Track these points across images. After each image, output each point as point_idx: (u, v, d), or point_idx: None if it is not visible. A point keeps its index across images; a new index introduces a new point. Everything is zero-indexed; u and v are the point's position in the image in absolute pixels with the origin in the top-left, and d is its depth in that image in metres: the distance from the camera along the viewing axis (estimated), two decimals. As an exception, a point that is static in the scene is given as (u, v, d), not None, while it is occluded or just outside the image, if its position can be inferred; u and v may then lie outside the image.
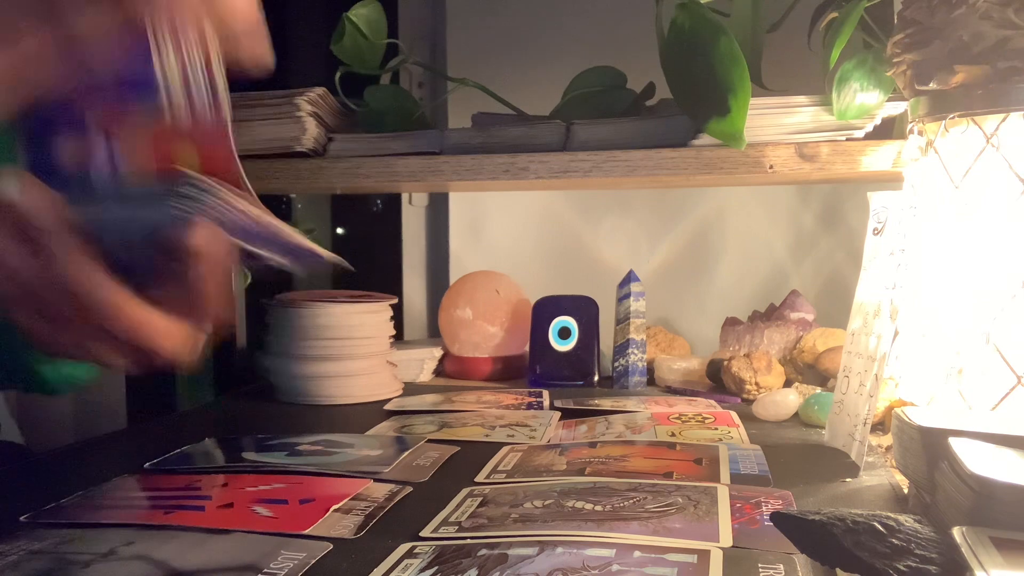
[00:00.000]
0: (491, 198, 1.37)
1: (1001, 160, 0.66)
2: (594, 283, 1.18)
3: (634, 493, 0.61)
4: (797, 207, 1.30)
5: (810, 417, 0.86)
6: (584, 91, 1.01)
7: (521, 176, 0.93)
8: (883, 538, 0.43)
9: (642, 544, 0.51)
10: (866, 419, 0.69)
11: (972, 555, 0.40)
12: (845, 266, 1.27)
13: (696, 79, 0.85)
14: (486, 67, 1.27)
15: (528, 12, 1.34)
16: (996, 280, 0.66)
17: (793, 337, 1.07)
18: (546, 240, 1.37)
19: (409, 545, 0.53)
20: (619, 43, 1.21)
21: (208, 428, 0.86)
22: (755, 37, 0.91)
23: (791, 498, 0.61)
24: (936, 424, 0.55)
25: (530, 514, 0.57)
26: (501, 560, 0.49)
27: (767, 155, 0.87)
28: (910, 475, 0.58)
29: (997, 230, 0.66)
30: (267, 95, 0.99)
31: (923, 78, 0.69)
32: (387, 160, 0.97)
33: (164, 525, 0.56)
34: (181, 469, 0.71)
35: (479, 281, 1.19)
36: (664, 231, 1.34)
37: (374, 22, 1.02)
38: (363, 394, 1.00)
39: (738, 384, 0.98)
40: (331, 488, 0.64)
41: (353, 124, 1.05)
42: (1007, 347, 0.65)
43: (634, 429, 0.82)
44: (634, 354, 1.08)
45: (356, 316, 1.01)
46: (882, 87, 0.85)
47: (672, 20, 0.87)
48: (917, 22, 0.69)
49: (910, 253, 0.70)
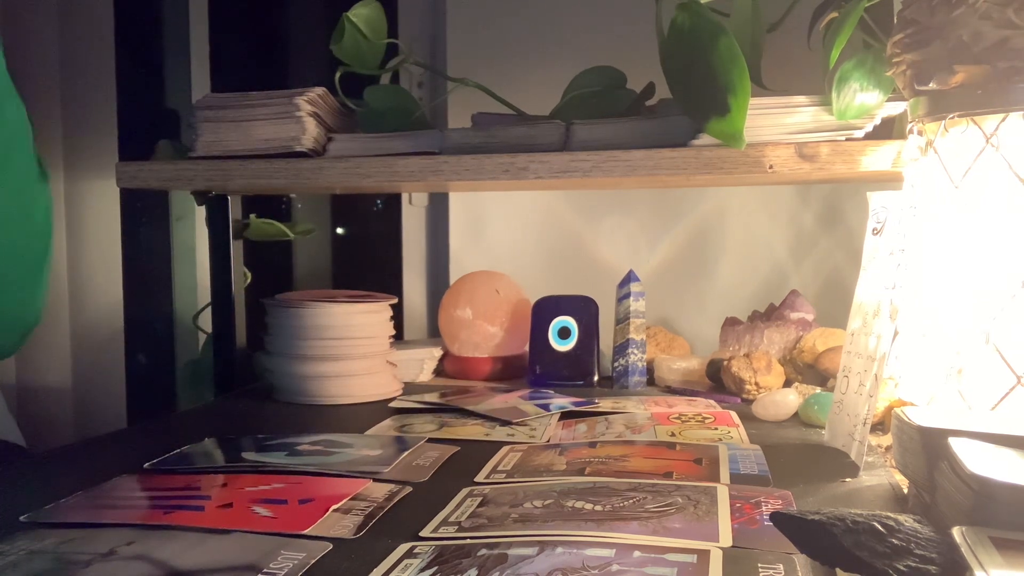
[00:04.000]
0: (491, 198, 1.37)
1: (1001, 160, 0.66)
2: (594, 283, 1.18)
3: (634, 493, 0.61)
4: (797, 207, 1.30)
5: (810, 417, 0.86)
6: (584, 91, 1.01)
7: (521, 176, 0.93)
8: (883, 538, 0.43)
9: (642, 544, 0.51)
10: (866, 419, 0.69)
11: (972, 555, 0.40)
12: (845, 266, 1.27)
13: (696, 79, 0.85)
14: (486, 67, 1.26)
15: (528, 12, 1.33)
16: (996, 280, 0.66)
17: (793, 337, 1.07)
18: (546, 240, 1.37)
19: (409, 545, 0.53)
20: (619, 43, 1.21)
21: (208, 428, 0.86)
22: (755, 37, 0.91)
23: (791, 498, 0.61)
24: (936, 424, 0.55)
25: (530, 514, 0.57)
26: (501, 560, 0.49)
27: (767, 155, 0.87)
28: (910, 475, 0.58)
29: (997, 230, 0.66)
30: (267, 95, 0.99)
31: (923, 78, 0.69)
32: (387, 160, 0.97)
33: (164, 525, 0.56)
34: (181, 469, 0.71)
35: (479, 281, 1.19)
36: (664, 231, 1.34)
37: (374, 22, 1.02)
38: (363, 394, 1.00)
39: (738, 384, 0.98)
40: (331, 488, 0.64)
41: (353, 124, 1.05)
42: (1007, 347, 0.65)
43: (634, 429, 0.82)
44: (634, 354, 1.08)
45: (356, 316, 1.01)
46: (882, 87, 0.85)
47: (672, 20, 0.87)
48: (917, 22, 0.69)
49: (910, 253, 0.70)
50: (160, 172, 1.03)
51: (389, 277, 1.49)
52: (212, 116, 1.01)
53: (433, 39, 1.43)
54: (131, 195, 1.55)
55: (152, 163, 1.04)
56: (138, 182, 1.03)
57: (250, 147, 1.00)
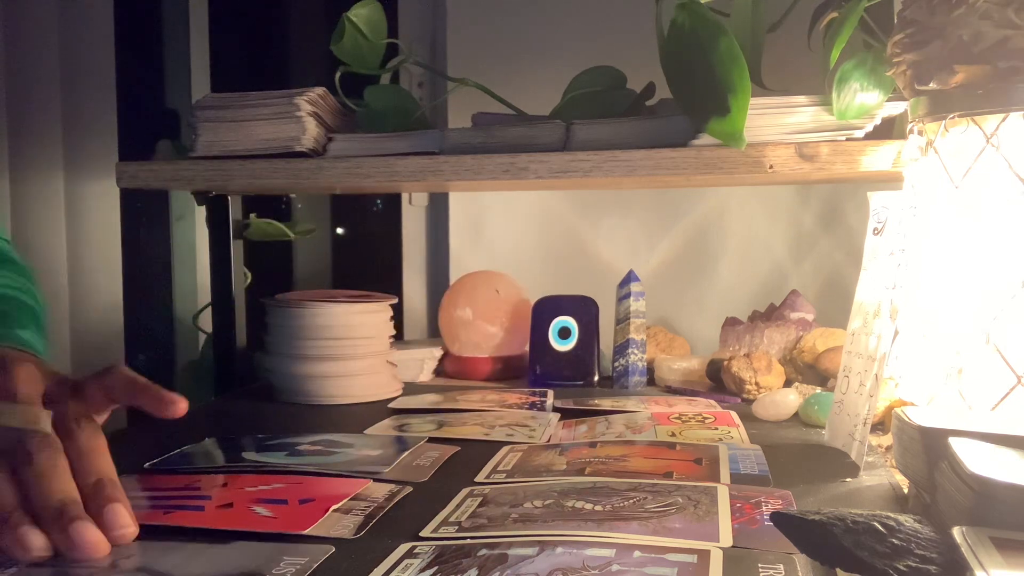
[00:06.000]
0: (491, 198, 1.37)
1: (1001, 160, 0.66)
2: (594, 283, 1.18)
3: (634, 493, 0.61)
4: (797, 207, 1.30)
5: (810, 417, 0.86)
6: (584, 91, 1.01)
7: (521, 176, 0.93)
8: (883, 538, 0.43)
9: (642, 544, 0.51)
10: (866, 419, 0.69)
11: (972, 555, 0.40)
12: (845, 266, 1.27)
13: (696, 79, 0.85)
14: (486, 67, 1.26)
15: (528, 12, 1.33)
16: (996, 280, 0.66)
17: (793, 337, 1.07)
18: (546, 240, 1.37)
19: (409, 545, 0.53)
20: (619, 43, 1.21)
21: (208, 428, 0.86)
22: (755, 37, 0.91)
23: (791, 498, 0.61)
24: (936, 424, 0.55)
25: (530, 514, 0.57)
26: (501, 560, 0.49)
27: (767, 155, 0.87)
28: (910, 475, 0.58)
29: (997, 230, 0.66)
30: (267, 95, 0.99)
31: (923, 78, 0.69)
32: (387, 160, 0.97)
33: (164, 525, 0.56)
34: (181, 469, 0.71)
35: (479, 281, 1.19)
36: (664, 231, 1.34)
37: (374, 22, 1.02)
38: (363, 394, 1.00)
39: (738, 384, 0.98)
40: (331, 488, 0.64)
41: (353, 124, 1.05)
42: (1007, 347, 0.65)
43: (634, 429, 0.82)
44: (634, 354, 1.08)
45: (356, 316, 1.01)
46: (882, 87, 0.85)
47: (672, 20, 0.87)
48: (917, 22, 0.69)
49: (910, 253, 0.70)
50: (160, 172, 1.03)
51: (389, 277, 1.49)
52: (212, 116, 1.01)
53: (433, 39, 1.43)
54: (131, 195, 1.55)
55: (152, 163, 1.04)
56: (138, 182, 1.03)
57: (250, 147, 0.99)
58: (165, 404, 0.58)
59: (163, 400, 0.58)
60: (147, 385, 0.59)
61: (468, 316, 1.16)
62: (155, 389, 0.59)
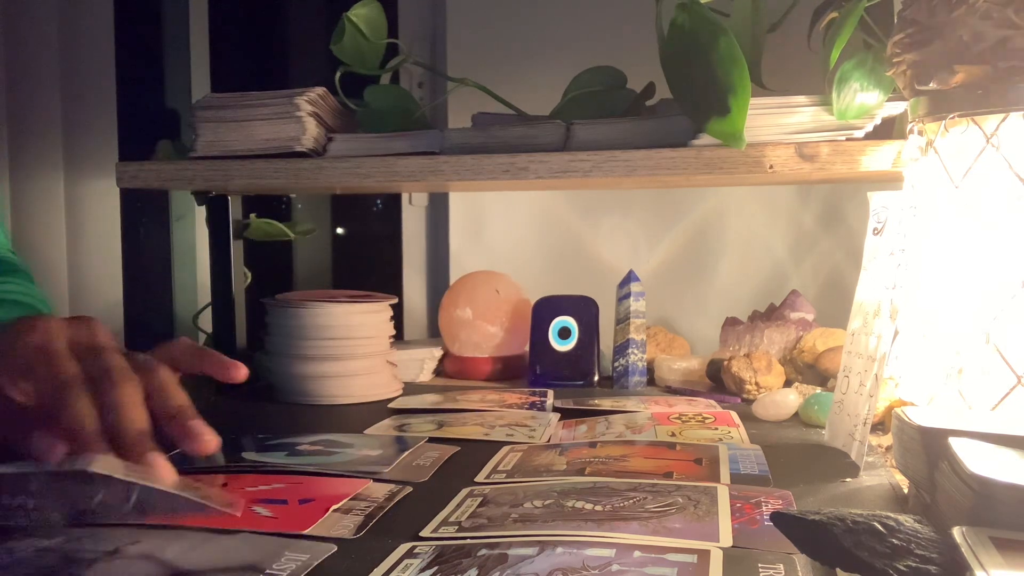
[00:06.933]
0: (491, 198, 1.37)
1: (1001, 160, 0.66)
2: (594, 283, 1.18)
3: (634, 493, 0.61)
4: (797, 207, 1.30)
5: (810, 417, 0.86)
6: (584, 91, 1.01)
7: (521, 176, 0.93)
8: (883, 538, 0.43)
9: (642, 544, 0.51)
10: (866, 419, 0.69)
11: (972, 555, 0.40)
12: (845, 266, 1.27)
13: (696, 79, 0.85)
14: (486, 67, 1.26)
15: (528, 12, 1.33)
16: (996, 280, 0.66)
17: (793, 337, 1.07)
18: (546, 240, 1.37)
19: (409, 545, 0.53)
20: (619, 43, 1.21)
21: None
22: (755, 37, 0.91)
23: (791, 498, 0.61)
24: (936, 424, 0.55)
25: (530, 514, 0.57)
26: (501, 560, 0.49)
27: (767, 155, 0.87)
28: (910, 475, 0.58)
29: (997, 230, 0.66)
30: (267, 95, 0.99)
31: (923, 78, 0.69)
32: (387, 160, 0.97)
33: (166, 524, 0.56)
34: (181, 469, 0.71)
35: (479, 281, 1.19)
36: (664, 231, 1.34)
37: (374, 22, 1.02)
38: (363, 394, 1.00)
39: (738, 384, 0.98)
40: (331, 488, 0.64)
41: (353, 124, 1.05)
42: (1007, 347, 0.65)
43: (634, 429, 0.82)
44: (634, 354, 1.08)
45: (356, 316, 1.01)
46: (882, 87, 0.85)
47: (672, 20, 0.87)
48: (917, 22, 0.69)
49: (910, 253, 0.70)
50: (160, 172, 1.03)
51: (389, 277, 1.49)
52: (212, 116, 1.01)
53: (433, 39, 1.43)
54: (131, 195, 1.55)
55: (152, 163, 1.04)
56: (138, 182, 1.03)
57: (250, 147, 1.00)
58: (228, 368, 0.62)
59: (226, 365, 0.62)
60: (211, 352, 0.63)
61: (468, 316, 1.16)
62: (218, 356, 0.63)
